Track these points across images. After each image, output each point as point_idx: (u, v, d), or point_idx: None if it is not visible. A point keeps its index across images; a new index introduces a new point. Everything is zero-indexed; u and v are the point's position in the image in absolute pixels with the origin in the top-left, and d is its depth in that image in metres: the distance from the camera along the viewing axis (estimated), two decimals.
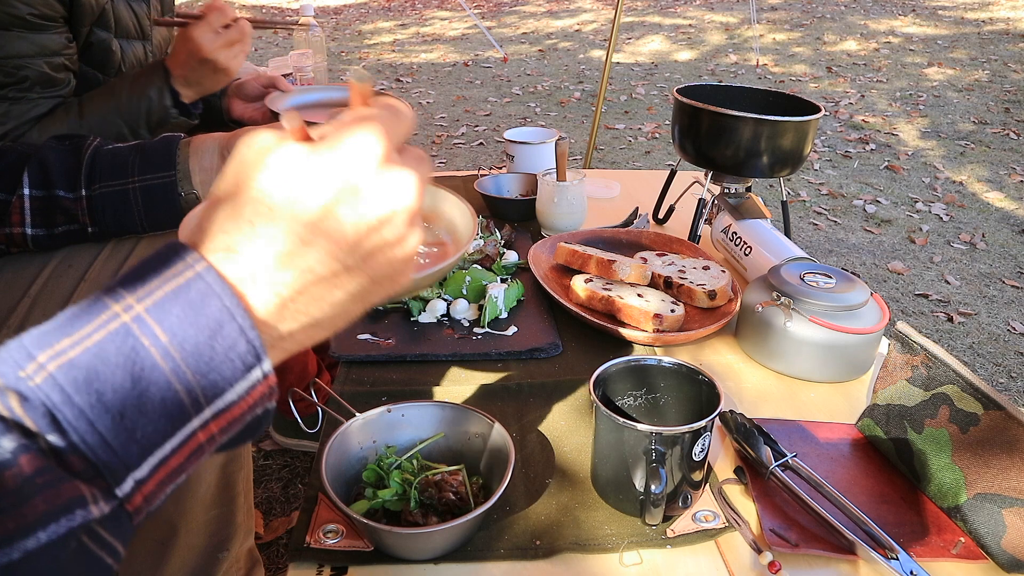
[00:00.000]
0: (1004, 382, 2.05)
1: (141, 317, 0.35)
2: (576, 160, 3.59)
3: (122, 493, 0.34)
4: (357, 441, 0.77)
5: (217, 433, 0.37)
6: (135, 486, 0.35)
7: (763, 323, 1.01)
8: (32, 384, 0.33)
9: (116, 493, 0.34)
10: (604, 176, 1.78)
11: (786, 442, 0.85)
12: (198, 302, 0.35)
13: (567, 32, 6.92)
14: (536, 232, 1.42)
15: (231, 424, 0.37)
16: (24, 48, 1.05)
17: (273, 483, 1.62)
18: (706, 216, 1.36)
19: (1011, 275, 2.62)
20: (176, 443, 0.35)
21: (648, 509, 0.71)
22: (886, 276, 2.62)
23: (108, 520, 0.34)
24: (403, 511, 0.71)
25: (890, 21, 6.74)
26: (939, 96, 4.69)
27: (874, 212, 3.12)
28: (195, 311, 0.35)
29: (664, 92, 4.93)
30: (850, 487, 0.80)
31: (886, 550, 0.69)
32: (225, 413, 0.37)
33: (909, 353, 0.84)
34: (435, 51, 6.28)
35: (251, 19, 1.25)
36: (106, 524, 0.33)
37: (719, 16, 7.20)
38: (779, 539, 0.72)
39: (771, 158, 1.24)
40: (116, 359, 0.34)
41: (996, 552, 0.71)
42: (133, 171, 0.85)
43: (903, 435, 0.82)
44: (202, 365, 0.35)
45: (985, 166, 3.59)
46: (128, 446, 0.34)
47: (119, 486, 0.34)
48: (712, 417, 0.72)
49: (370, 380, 0.98)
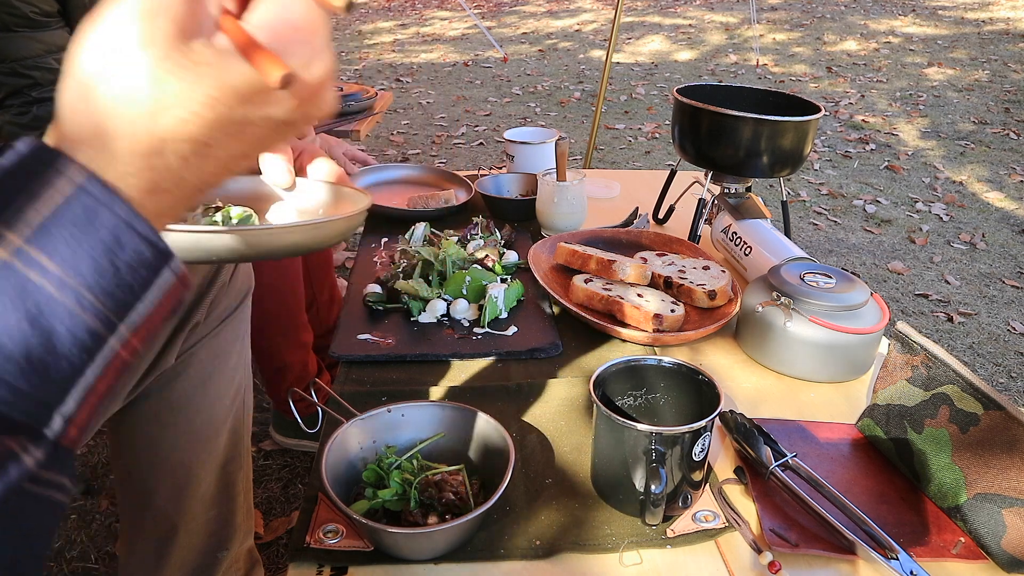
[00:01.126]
0: (1004, 382, 2.05)
1: (23, 251, 0.32)
2: (576, 160, 3.59)
3: (53, 433, 0.33)
4: (357, 441, 0.77)
5: (140, 346, 0.36)
6: (65, 422, 0.33)
7: (763, 323, 1.01)
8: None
9: (46, 434, 0.33)
10: (604, 176, 1.78)
11: (786, 442, 0.85)
12: (85, 220, 0.33)
13: (567, 32, 6.92)
14: (536, 232, 1.42)
15: (151, 332, 0.36)
16: (34, 48, 1.07)
17: (273, 483, 1.62)
18: (706, 216, 1.36)
19: (1011, 275, 2.62)
20: (98, 369, 0.34)
21: (648, 509, 0.71)
22: (886, 276, 2.62)
23: (46, 462, 0.32)
24: (403, 511, 0.71)
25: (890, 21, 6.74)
26: (939, 96, 4.69)
27: (874, 212, 3.12)
28: (84, 231, 0.33)
29: (664, 92, 4.93)
30: (850, 487, 0.80)
31: (886, 550, 0.69)
32: (143, 325, 0.35)
33: (909, 353, 0.84)
34: (435, 51, 6.28)
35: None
36: (45, 466, 0.32)
37: (719, 16, 7.20)
38: (779, 539, 0.72)
39: (771, 158, 1.24)
40: (4, 303, 0.31)
41: (996, 552, 0.71)
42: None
43: (903, 435, 0.82)
44: (107, 285, 0.33)
45: (985, 166, 3.60)
46: (44, 387, 0.32)
47: (47, 427, 0.33)
48: (712, 417, 0.72)
49: (370, 380, 0.98)
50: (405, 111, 4.60)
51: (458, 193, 1.52)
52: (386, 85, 5.20)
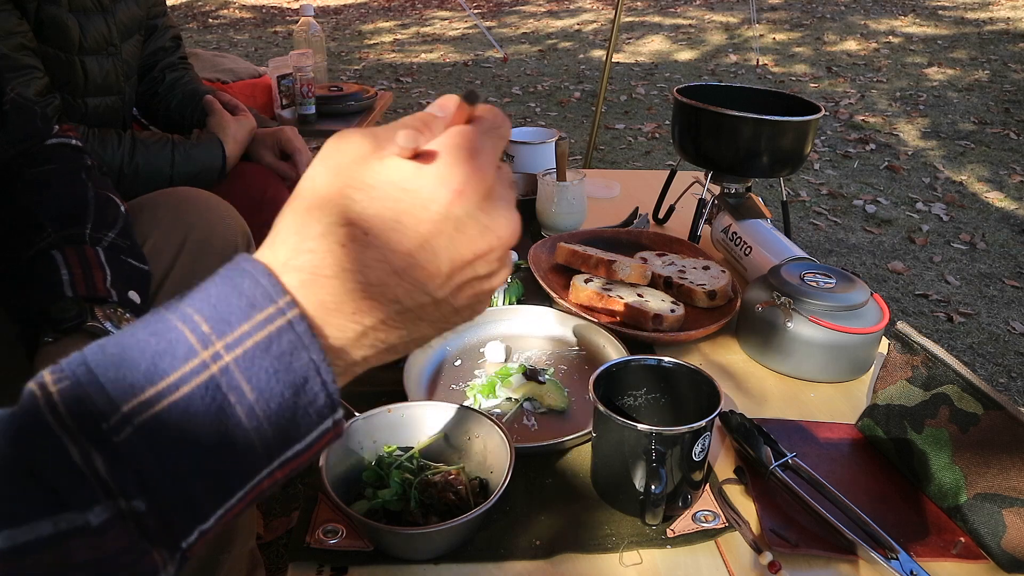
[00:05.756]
0: (1004, 382, 2.05)
1: (230, 370, 0.32)
2: (576, 160, 3.59)
3: (187, 544, 0.33)
4: (357, 441, 0.77)
5: (281, 478, 0.36)
6: (199, 536, 0.34)
7: (763, 323, 1.01)
8: (118, 440, 0.30)
9: (182, 546, 0.33)
10: (604, 176, 1.78)
11: (786, 442, 0.85)
12: (287, 356, 0.33)
13: (567, 32, 6.92)
14: (536, 232, 1.42)
15: (295, 469, 0.36)
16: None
17: None
18: (706, 216, 1.36)
19: (1011, 275, 2.62)
20: (243, 493, 0.34)
21: (648, 509, 0.71)
22: (886, 276, 2.62)
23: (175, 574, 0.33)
24: (403, 511, 0.71)
25: (890, 21, 6.74)
26: (939, 96, 4.69)
27: (874, 212, 3.12)
28: (284, 366, 0.33)
29: (664, 92, 4.93)
30: (850, 487, 0.80)
31: (886, 550, 0.69)
32: (292, 461, 0.35)
33: (909, 353, 0.84)
34: (435, 51, 6.28)
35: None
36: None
37: (719, 16, 7.20)
38: (779, 539, 0.72)
39: (771, 158, 1.23)
40: (203, 418, 0.32)
41: (996, 552, 0.71)
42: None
43: (903, 435, 0.82)
44: (283, 421, 0.33)
45: (985, 166, 3.59)
46: (205, 504, 0.33)
47: (186, 539, 0.33)
48: (712, 417, 0.72)
49: (370, 380, 0.98)
50: (405, 111, 4.60)
51: None
52: (386, 85, 5.20)
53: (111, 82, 1.25)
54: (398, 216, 0.34)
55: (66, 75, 1.17)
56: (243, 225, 1.02)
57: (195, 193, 0.98)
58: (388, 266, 0.34)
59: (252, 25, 7.55)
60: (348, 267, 0.34)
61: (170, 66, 1.44)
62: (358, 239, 0.34)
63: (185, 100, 1.42)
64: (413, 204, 0.34)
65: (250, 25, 7.56)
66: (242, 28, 7.42)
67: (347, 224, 0.34)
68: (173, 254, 0.90)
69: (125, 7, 1.27)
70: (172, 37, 1.45)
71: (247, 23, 7.66)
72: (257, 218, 1.21)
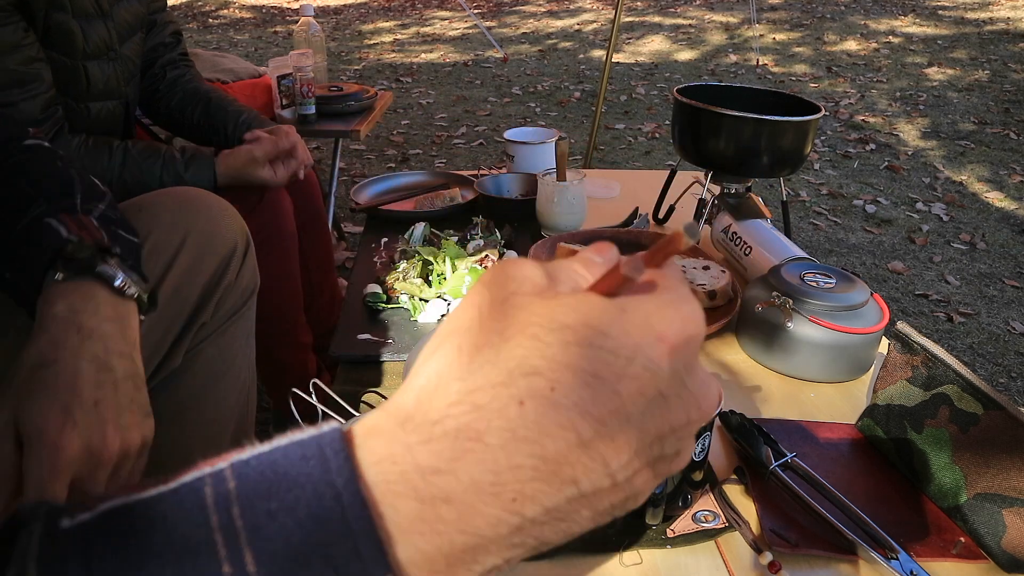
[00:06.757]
0: (1004, 382, 2.05)
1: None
2: (576, 160, 3.59)
3: None
4: None
5: None
6: None
7: (763, 323, 1.01)
8: None
9: None
10: (604, 176, 1.78)
11: (786, 442, 0.85)
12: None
13: (567, 32, 6.92)
14: (536, 232, 1.42)
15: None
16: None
17: None
18: (706, 216, 1.36)
19: (1011, 275, 2.62)
20: None
21: (648, 509, 0.71)
22: (886, 276, 2.62)
23: None
24: None
25: (890, 21, 6.74)
26: (939, 96, 4.69)
27: (874, 212, 3.12)
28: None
29: (664, 92, 4.93)
30: (850, 487, 0.80)
31: (886, 550, 0.69)
32: None
33: (909, 353, 0.84)
34: (435, 51, 6.28)
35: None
36: None
37: (719, 16, 7.20)
38: (779, 539, 0.72)
39: (771, 158, 1.23)
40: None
41: (996, 552, 0.71)
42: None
43: (903, 435, 0.82)
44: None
45: (985, 166, 3.59)
46: None
47: None
48: (712, 417, 0.72)
49: (370, 380, 0.98)
50: (405, 111, 4.60)
51: (464, 192, 1.54)
52: (386, 85, 5.20)
53: (112, 86, 1.25)
54: (596, 369, 0.26)
55: (70, 80, 1.17)
56: (243, 225, 1.02)
57: (195, 193, 0.98)
58: (575, 436, 0.26)
59: (252, 25, 7.55)
60: (522, 435, 0.26)
61: (171, 63, 1.44)
62: (542, 396, 0.26)
63: (186, 99, 1.42)
64: (615, 354, 0.27)
65: (250, 25, 7.55)
66: (242, 28, 7.41)
67: (532, 374, 0.26)
68: (173, 254, 0.90)
69: (126, 6, 1.27)
70: (172, 33, 1.45)
71: (247, 23, 7.66)
72: (257, 218, 1.21)
